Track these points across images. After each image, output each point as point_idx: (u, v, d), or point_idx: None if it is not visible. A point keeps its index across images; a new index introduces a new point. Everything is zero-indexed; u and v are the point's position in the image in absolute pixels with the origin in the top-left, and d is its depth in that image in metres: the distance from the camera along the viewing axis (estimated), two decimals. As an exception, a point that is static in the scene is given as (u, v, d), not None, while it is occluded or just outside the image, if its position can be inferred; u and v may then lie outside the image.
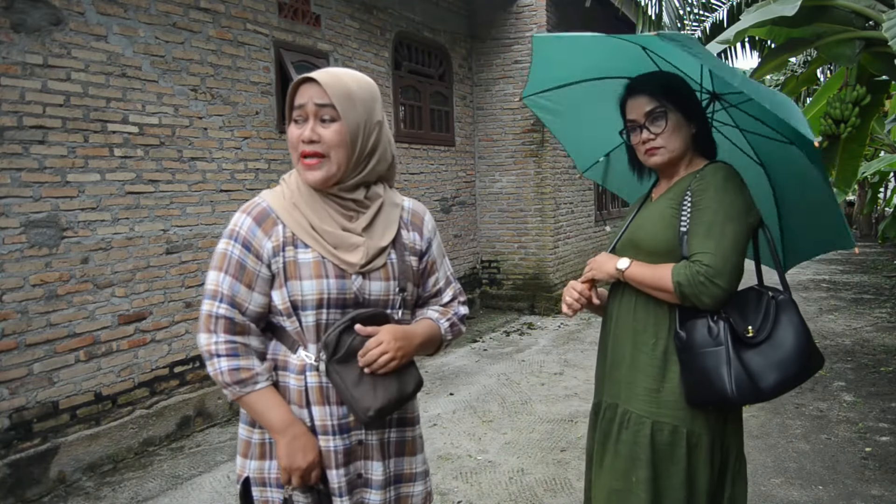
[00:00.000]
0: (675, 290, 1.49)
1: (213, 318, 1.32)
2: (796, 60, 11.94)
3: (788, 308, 1.52)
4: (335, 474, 1.36)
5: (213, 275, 1.34)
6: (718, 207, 1.51)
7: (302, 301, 1.33)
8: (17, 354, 3.23)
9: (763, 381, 1.46)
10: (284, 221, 1.35)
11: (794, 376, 1.48)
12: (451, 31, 7.22)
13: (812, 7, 3.84)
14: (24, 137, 3.28)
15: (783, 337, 1.49)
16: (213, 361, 1.32)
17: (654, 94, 1.61)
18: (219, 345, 1.31)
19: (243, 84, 4.51)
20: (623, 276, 1.61)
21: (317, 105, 1.31)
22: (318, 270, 1.33)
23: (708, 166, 1.62)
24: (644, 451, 1.56)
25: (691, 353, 1.51)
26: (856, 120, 4.46)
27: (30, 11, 3.29)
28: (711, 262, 1.46)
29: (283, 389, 1.37)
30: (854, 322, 6.83)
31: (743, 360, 1.47)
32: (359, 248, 1.36)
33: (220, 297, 1.32)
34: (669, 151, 1.63)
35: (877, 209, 16.75)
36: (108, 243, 3.67)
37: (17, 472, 3.19)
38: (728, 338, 1.47)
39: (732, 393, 1.45)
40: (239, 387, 1.32)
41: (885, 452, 3.56)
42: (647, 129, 1.62)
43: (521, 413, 4.31)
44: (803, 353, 1.48)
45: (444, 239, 7.12)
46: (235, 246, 1.34)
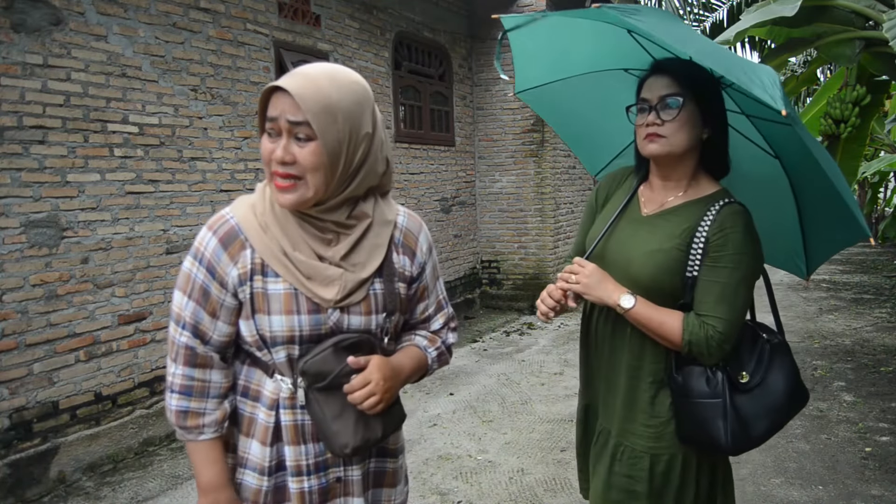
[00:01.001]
0: (684, 347, 1.44)
1: (176, 346, 1.23)
2: (796, 60, 11.94)
3: (782, 352, 1.49)
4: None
5: (178, 296, 1.23)
6: (736, 269, 1.43)
7: (271, 337, 1.20)
8: (17, 354, 3.23)
9: (754, 429, 1.45)
10: (254, 245, 1.19)
11: (783, 421, 1.48)
12: (451, 31, 7.22)
13: (812, 7, 3.84)
14: (24, 137, 3.28)
15: (775, 383, 1.46)
16: (167, 394, 1.26)
17: (679, 79, 1.46)
18: (175, 377, 1.23)
19: (243, 84, 4.51)
20: (626, 314, 1.48)
21: (290, 122, 1.12)
22: (289, 305, 1.19)
23: (726, 209, 1.46)
24: (642, 485, 1.52)
25: (687, 400, 1.46)
26: (856, 120, 4.46)
27: (30, 11, 3.29)
28: (724, 329, 1.42)
29: (250, 421, 1.28)
30: (854, 322, 6.83)
31: (737, 408, 1.44)
32: (334, 281, 1.20)
33: (183, 323, 1.22)
34: (670, 144, 1.46)
35: (877, 209, 16.74)
36: (108, 243, 3.67)
37: (17, 472, 3.19)
38: (726, 390, 1.44)
39: (727, 443, 1.42)
40: (182, 431, 1.25)
41: (885, 452, 3.55)
42: (657, 112, 1.46)
43: (521, 413, 4.31)
44: (792, 398, 1.47)
45: (444, 239, 7.12)
46: (200, 269, 1.21)
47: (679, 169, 1.53)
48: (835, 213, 1.55)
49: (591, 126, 1.96)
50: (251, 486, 1.27)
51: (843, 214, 1.52)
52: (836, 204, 1.49)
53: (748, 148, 1.66)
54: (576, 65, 1.78)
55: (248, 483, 1.27)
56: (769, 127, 1.58)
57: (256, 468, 1.26)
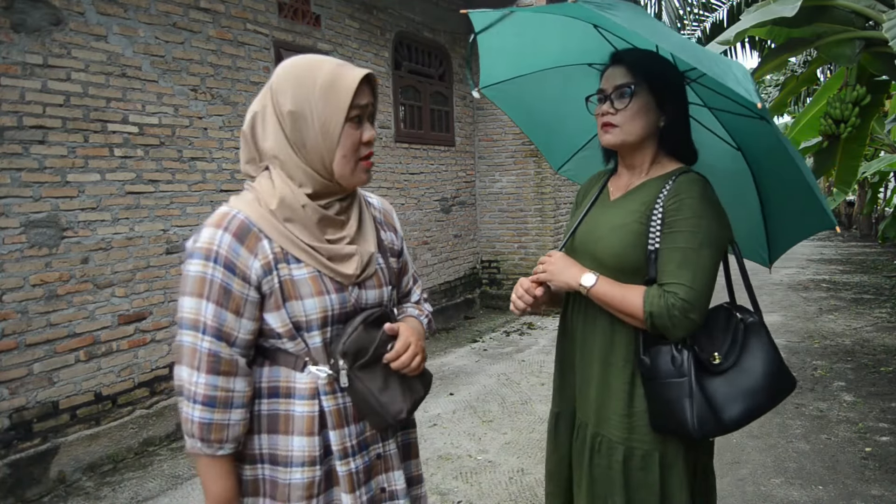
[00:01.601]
0: (646, 320, 1.39)
1: (197, 353, 1.15)
2: (796, 60, 11.95)
3: (758, 332, 1.43)
4: (354, 497, 1.26)
5: (192, 302, 1.16)
6: (695, 232, 1.40)
7: (307, 322, 1.21)
8: (17, 354, 3.23)
9: (727, 412, 1.39)
10: (270, 235, 1.19)
11: (762, 404, 1.40)
12: (451, 31, 7.22)
13: (812, 7, 3.84)
14: (24, 137, 3.28)
15: (751, 364, 1.40)
16: (188, 404, 1.16)
17: (633, 68, 1.48)
18: (197, 387, 1.15)
19: (243, 84, 4.52)
20: (587, 293, 1.47)
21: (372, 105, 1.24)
22: (318, 287, 1.21)
23: (681, 178, 1.47)
24: (619, 476, 1.49)
25: (654, 382, 1.43)
26: (856, 120, 4.46)
27: (30, 11, 3.29)
28: (687, 296, 1.36)
29: (283, 419, 1.23)
30: (854, 322, 6.83)
31: (707, 391, 1.39)
32: (353, 257, 1.25)
33: (204, 328, 1.15)
34: (625, 133, 1.48)
35: (877, 209, 16.75)
36: (108, 243, 3.67)
37: (17, 472, 3.19)
38: (692, 369, 1.39)
39: (693, 427, 1.38)
40: (202, 444, 1.17)
41: (885, 452, 3.56)
42: (612, 101, 1.49)
43: (521, 413, 4.31)
44: (772, 381, 1.40)
45: (444, 239, 7.13)
46: (216, 268, 1.15)
47: (638, 156, 1.55)
48: (800, 203, 1.57)
49: (554, 121, 1.96)
50: (301, 481, 1.23)
51: (810, 204, 1.54)
52: (803, 194, 1.51)
53: (711, 140, 1.69)
54: (540, 60, 1.79)
55: (297, 480, 1.23)
56: (733, 120, 1.60)
57: (305, 461, 1.23)
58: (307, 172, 1.21)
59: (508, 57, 1.79)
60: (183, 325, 1.17)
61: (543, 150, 2.07)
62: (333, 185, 1.24)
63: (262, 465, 1.25)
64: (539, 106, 1.93)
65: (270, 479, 1.25)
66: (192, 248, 1.18)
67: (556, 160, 2.05)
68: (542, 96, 1.89)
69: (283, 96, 1.19)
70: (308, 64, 1.21)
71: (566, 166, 2.05)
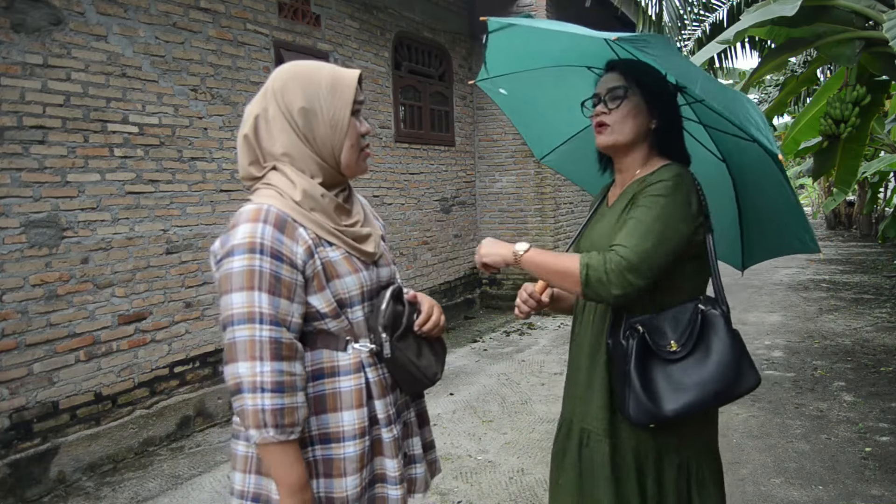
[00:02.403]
0: (581, 274, 1.38)
1: (258, 342, 1.16)
2: (796, 60, 11.94)
3: (716, 323, 1.41)
4: (397, 461, 1.35)
5: (243, 296, 1.17)
6: (651, 207, 1.41)
7: (349, 298, 1.30)
8: (17, 354, 3.23)
9: (667, 402, 1.37)
10: (302, 223, 1.26)
11: (711, 398, 1.38)
12: (451, 31, 7.22)
13: (812, 7, 3.84)
14: (24, 137, 3.28)
15: (703, 355, 1.39)
16: (255, 395, 1.15)
17: (625, 73, 1.55)
18: (265, 375, 1.15)
19: (243, 84, 4.52)
20: (520, 259, 1.48)
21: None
22: (351, 266, 1.31)
23: (663, 167, 1.51)
24: (602, 470, 1.51)
25: (614, 367, 1.48)
26: (856, 120, 4.46)
27: (30, 11, 3.29)
28: (628, 255, 1.35)
29: (330, 397, 1.29)
30: (854, 322, 6.83)
31: (651, 378, 1.39)
32: (370, 238, 1.37)
33: (261, 317, 1.17)
34: (616, 133, 1.54)
35: (877, 209, 16.74)
36: (108, 243, 3.67)
37: (17, 472, 3.19)
38: (633, 354, 1.40)
39: (628, 413, 1.40)
40: (276, 431, 1.17)
41: (885, 452, 3.56)
42: (605, 102, 1.56)
43: (521, 413, 4.31)
44: (726, 375, 1.37)
45: (444, 239, 7.13)
46: (263, 259, 1.19)
47: (630, 158, 1.60)
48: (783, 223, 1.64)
49: (544, 113, 2.02)
50: (354, 454, 1.29)
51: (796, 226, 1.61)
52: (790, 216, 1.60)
53: (699, 149, 1.76)
54: (541, 60, 1.84)
55: (351, 453, 1.29)
56: (724, 137, 1.68)
57: (356, 434, 1.29)
58: (319, 163, 1.31)
59: (512, 54, 1.83)
60: (235, 322, 1.17)
61: (528, 138, 2.12)
62: (339, 175, 1.35)
63: (311, 447, 1.30)
64: (531, 98, 1.98)
65: (323, 458, 1.29)
66: (232, 246, 1.20)
67: (540, 150, 2.12)
68: (535, 89, 1.94)
69: (292, 95, 1.28)
70: (310, 66, 1.33)
71: (550, 156, 2.11)
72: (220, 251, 1.24)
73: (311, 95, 1.28)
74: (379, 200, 6.11)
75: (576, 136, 2.00)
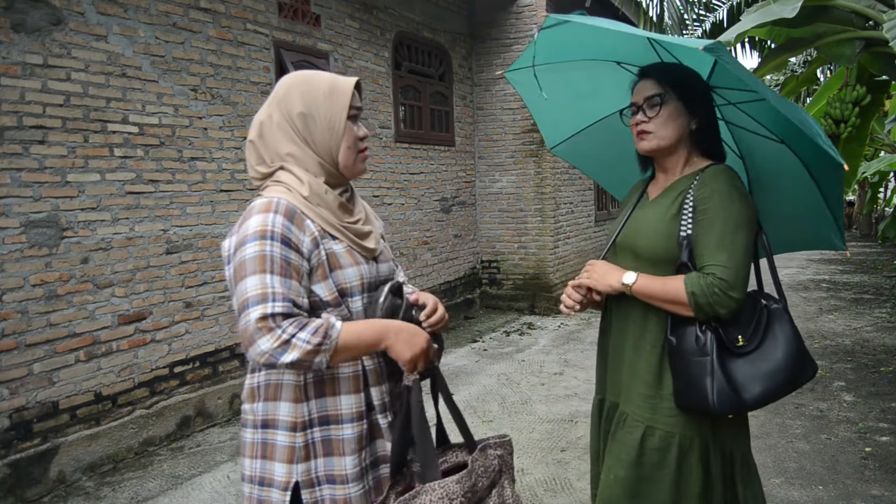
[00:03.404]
0: (690, 302, 1.48)
1: (270, 316, 1.22)
2: (796, 60, 11.95)
3: (780, 318, 1.52)
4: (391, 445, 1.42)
5: (256, 279, 1.24)
6: (728, 216, 1.50)
7: (350, 288, 1.38)
8: (17, 354, 3.23)
9: (747, 392, 1.47)
10: (310, 217, 1.35)
11: (781, 387, 1.48)
12: (451, 31, 7.22)
13: (812, 7, 3.84)
14: (24, 137, 3.28)
15: (773, 347, 1.49)
16: (292, 344, 1.22)
17: (660, 79, 1.61)
18: (285, 330, 1.23)
19: (243, 84, 4.51)
20: (630, 291, 1.57)
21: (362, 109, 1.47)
22: (353, 258, 1.39)
23: (709, 170, 1.59)
24: (627, 453, 1.58)
25: (680, 360, 1.52)
26: (856, 120, 4.46)
27: (30, 11, 3.29)
28: (726, 276, 1.45)
29: (330, 382, 1.37)
30: (854, 322, 6.83)
31: (728, 370, 1.48)
32: (371, 235, 1.45)
33: (272, 296, 1.24)
34: (659, 138, 1.61)
35: (877, 209, 16.75)
36: (108, 243, 3.67)
37: (17, 472, 3.19)
38: (714, 348, 1.48)
39: (713, 403, 1.46)
40: (328, 341, 1.26)
41: (885, 452, 3.56)
42: (644, 111, 1.62)
43: (521, 413, 4.31)
44: (792, 365, 1.48)
45: (444, 239, 7.13)
46: (274, 244, 1.27)
47: (672, 158, 1.66)
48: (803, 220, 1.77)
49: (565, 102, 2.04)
50: (352, 435, 1.37)
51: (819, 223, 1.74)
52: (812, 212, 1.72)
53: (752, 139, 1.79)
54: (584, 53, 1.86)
55: (349, 435, 1.37)
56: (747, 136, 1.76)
57: (353, 417, 1.38)
58: (320, 164, 1.40)
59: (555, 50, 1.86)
60: (249, 305, 1.23)
61: (541, 124, 2.15)
62: (339, 175, 1.43)
63: (311, 430, 1.37)
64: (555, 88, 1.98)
65: (322, 440, 1.37)
66: (245, 235, 1.28)
67: (552, 139, 2.15)
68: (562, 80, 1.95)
69: (292, 101, 1.39)
70: (310, 75, 1.44)
71: (561, 146, 2.15)
72: (231, 247, 1.32)
73: (309, 102, 1.38)
74: (379, 200, 6.11)
75: (590, 127, 2.03)
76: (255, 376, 1.40)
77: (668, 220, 1.57)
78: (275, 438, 1.37)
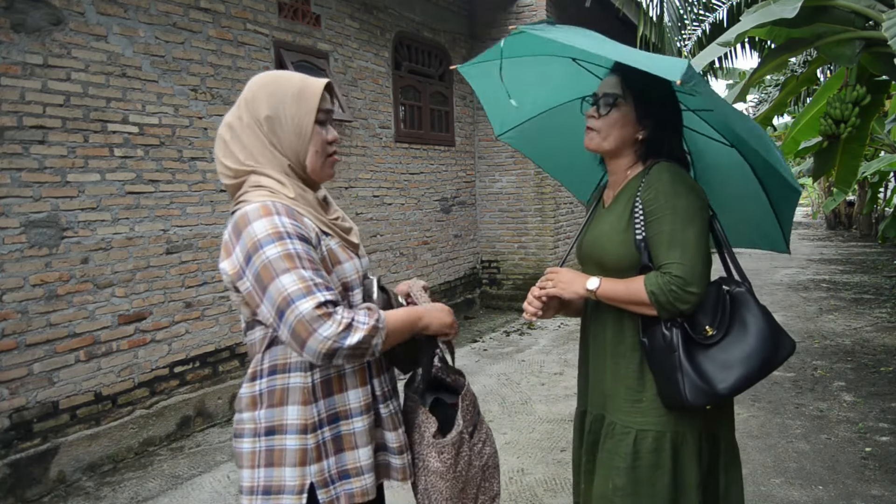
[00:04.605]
0: (652, 301, 1.48)
1: (323, 304, 1.22)
2: (796, 60, 11.94)
3: (745, 301, 1.51)
4: (397, 434, 1.46)
5: (291, 276, 1.22)
6: (675, 214, 1.50)
7: (350, 282, 1.40)
8: (17, 354, 3.23)
9: (720, 381, 1.46)
10: (305, 215, 1.35)
11: (758, 369, 1.47)
12: (451, 31, 7.22)
13: (812, 7, 3.84)
14: (24, 137, 3.28)
15: (742, 332, 1.48)
16: (354, 327, 1.24)
17: (624, 79, 1.59)
18: (343, 314, 1.24)
19: (243, 84, 4.47)
20: (595, 296, 1.58)
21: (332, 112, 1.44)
22: (346, 253, 1.41)
23: (652, 169, 1.58)
24: (623, 461, 1.57)
25: (653, 359, 1.53)
26: (856, 120, 4.46)
27: (30, 11, 3.29)
28: (681, 272, 1.45)
29: (337, 379, 1.38)
30: (854, 322, 6.83)
31: (697, 363, 1.48)
32: (354, 231, 1.49)
33: (317, 287, 1.23)
34: (602, 139, 1.61)
35: (877, 209, 16.74)
36: (108, 243, 3.67)
37: (17, 472, 3.19)
38: (679, 343, 1.48)
39: (686, 398, 1.47)
40: (381, 322, 1.30)
41: (885, 452, 3.56)
42: (598, 106, 1.62)
43: (521, 413, 4.31)
44: (766, 346, 1.47)
45: (444, 239, 7.13)
46: (294, 242, 1.26)
47: (618, 162, 1.67)
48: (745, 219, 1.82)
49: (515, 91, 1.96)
50: (363, 428, 1.39)
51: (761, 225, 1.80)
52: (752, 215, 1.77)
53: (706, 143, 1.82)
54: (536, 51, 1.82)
55: (360, 428, 1.39)
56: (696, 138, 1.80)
57: (362, 409, 1.40)
58: (289, 166, 1.37)
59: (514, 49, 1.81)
60: (295, 299, 1.21)
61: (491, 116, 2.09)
62: (308, 178, 1.41)
63: (321, 430, 1.36)
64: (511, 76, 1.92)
65: (332, 437, 1.37)
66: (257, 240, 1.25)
67: (500, 127, 2.09)
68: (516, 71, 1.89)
69: (259, 104, 1.35)
70: (278, 76, 1.40)
71: (509, 133, 2.09)
72: (238, 260, 1.27)
73: (276, 104, 1.35)
74: (379, 200, 6.11)
75: (540, 116, 2.01)
76: (257, 384, 1.36)
77: (623, 229, 1.58)
78: (283, 444, 1.34)
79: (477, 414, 1.57)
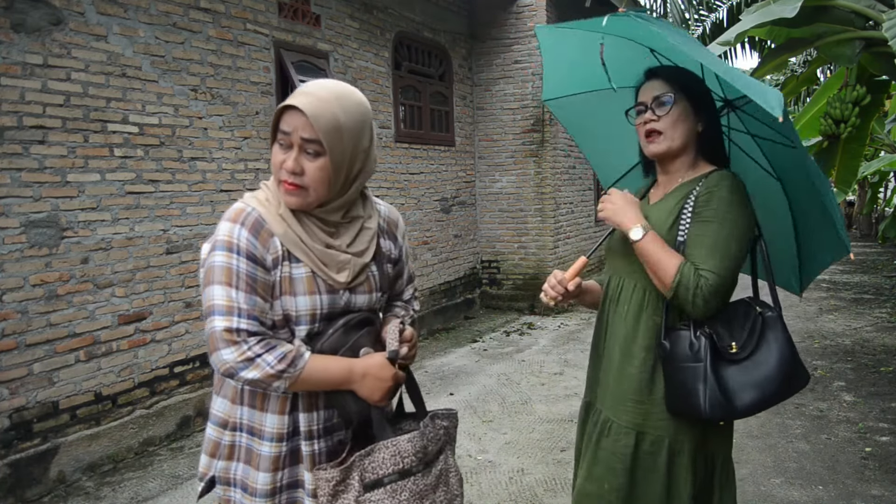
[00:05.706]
0: (672, 283, 1.47)
1: (235, 331, 1.24)
2: (796, 60, 11.95)
3: (775, 326, 1.51)
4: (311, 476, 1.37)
5: (222, 290, 1.25)
6: (724, 222, 1.48)
7: (296, 316, 1.33)
8: (17, 354, 3.23)
9: (738, 399, 1.46)
10: (277, 234, 1.31)
11: (773, 395, 1.47)
12: (451, 31, 7.22)
13: (812, 7, 3.84)
14: (24, 137, 3.28)
15: (766, 356, 1.48)
16: (255, 363, 1.24)
17: (668, 79, 1.60)
18: (251, 347, 1.25)
19: (243, 84, 4.51)
20: (633, 245, 1.55)
21: (303, 139, 1.27)
22: (311, 286, 1.33)
23: (713, 174, 1.57)
24: (621, 462, 1.57)
25: (672, 365, 1.51)
26: (856, 120, 4.46)
27: (30, 11, 3.29)
28: (714, 282, 1.45)
29: (261, 397, 1.36)
30: (854, 322, 6.83)
31: (721, 376, 1.47)
32: (346, 266, 1.36)
33: (238, 311, 1.25)
34: (669, 139, 1.59)
35: (877, 209, 16.74)
36: (108, 243, 3.67)
37: (17, 472, 3.19)
38: (707, 355, 1.47)
39: (705, 410, 1.46)
40: (292, 368, 1.27)
41: (885, 452, 3.56)
42: (653, 110, 1.60)
43: (521, 413, 4.31)
44: (785, 374, 1.47)
45: (444, 239, 7.12)
46: (240, 259, 1.26)
47: (678, 162, 1.65)
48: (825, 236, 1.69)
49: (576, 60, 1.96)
50: (269, 454, 1.36)
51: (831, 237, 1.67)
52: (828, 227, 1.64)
53: (754, 169, 1.77)
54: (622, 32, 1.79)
55: (266, 452, 1.36)
56: (772, 147, 1.70)
57: (274, 437, 1.36)
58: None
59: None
60: (215, 312, 1.25)
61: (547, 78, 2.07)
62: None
63: (240, 433, 1.38)
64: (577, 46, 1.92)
65: (247, 447, 1.38)
66: (215, 241, 1.29)
67: (550, 92, 2.07)
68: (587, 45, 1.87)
69: None
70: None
71: (558, 101, 2.06)
72: (205, 250, 1.33)
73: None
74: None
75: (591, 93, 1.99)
76: None
77: (667, 228, 1.56)
78: (207, 431, 1.43)
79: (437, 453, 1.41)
